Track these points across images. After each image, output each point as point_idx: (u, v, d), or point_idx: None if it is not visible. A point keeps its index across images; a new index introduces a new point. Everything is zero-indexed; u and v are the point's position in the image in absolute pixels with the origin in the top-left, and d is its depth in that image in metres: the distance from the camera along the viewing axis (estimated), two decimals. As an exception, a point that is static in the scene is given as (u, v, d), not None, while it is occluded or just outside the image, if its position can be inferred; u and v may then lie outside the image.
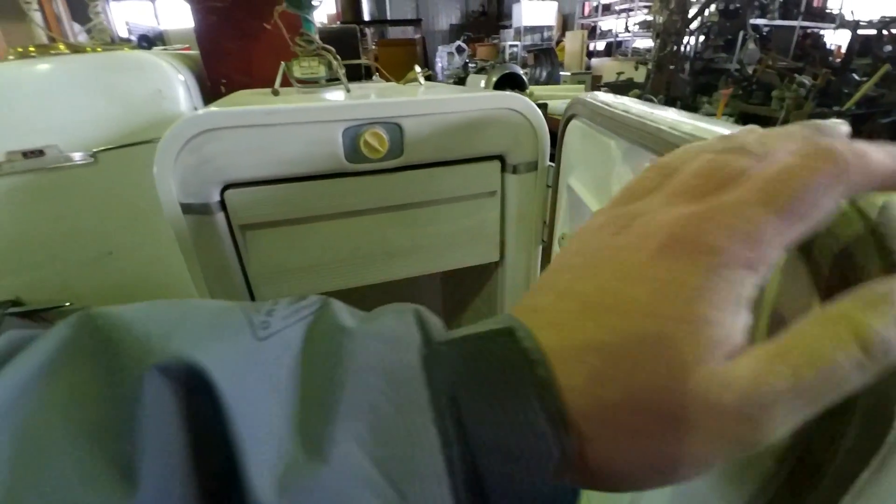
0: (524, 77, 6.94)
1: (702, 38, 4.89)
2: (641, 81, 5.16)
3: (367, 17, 7.60)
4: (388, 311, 0.17)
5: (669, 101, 4.75)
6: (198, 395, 0.13)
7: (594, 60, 8.44)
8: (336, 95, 0.77)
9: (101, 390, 0.13)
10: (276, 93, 0.76)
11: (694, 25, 4.67)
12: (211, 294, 0.64)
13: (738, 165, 0.16)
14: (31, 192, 1.07)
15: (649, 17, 7.26)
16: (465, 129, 0.65)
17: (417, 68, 0.92)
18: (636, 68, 5.38)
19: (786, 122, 3.30)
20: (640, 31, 8.42)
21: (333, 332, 0.15)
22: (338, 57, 0.81)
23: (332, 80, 0.91)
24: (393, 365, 0.14)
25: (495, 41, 9.55)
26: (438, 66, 9.69)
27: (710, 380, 0.13)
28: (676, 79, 4.73)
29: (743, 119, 4.02)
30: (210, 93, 1.18)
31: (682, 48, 4.69)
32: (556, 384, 0.14)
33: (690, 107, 4.83)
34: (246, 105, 0.59)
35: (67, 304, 1.20)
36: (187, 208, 0.58)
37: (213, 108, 0.59)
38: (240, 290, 0.65)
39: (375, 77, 1.20)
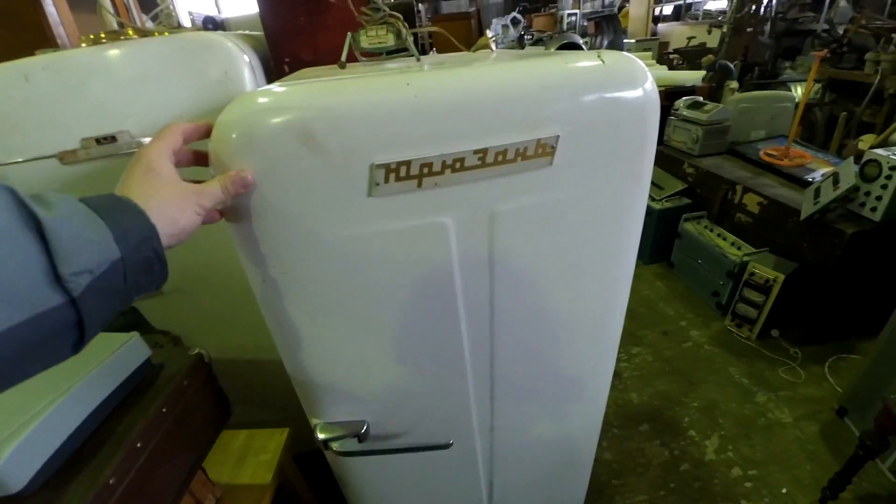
0: (584, 47, 6.58)
1: (785, -5, 4.39)
2: (714, 47, 4.72)
3: (420, -8, 7.40)
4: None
5: (747, 68, 4.31)
6: None
7: (661, 26, 7.83)
8: (406, 66, 0.71)
9: None
10: (342, 66, 0.70)
11: (776, -18, 4.18)
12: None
13: None
14: (105, 179, 1.09)
15: (723, -25, 6.61)
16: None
17: (489, 33, 0.83)
18: (709, 32, 4.91)
19: (881, 88, 2.89)
20: (713, -10, 7.71)
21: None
22: (406, 24, 0.74)
23: (396, 52, 0.84)
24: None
25: (553, 11, 9.08)
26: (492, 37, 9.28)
27: (190, 190, 0.47)
28: (756, 43, 4.27)
29: (832, 86, 3.58)
30: (274, 73, 1.15)
31: (762, 8, 4.22)
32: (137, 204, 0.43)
33: (771, 73, 4.37)
34: (313, 80, 0.54)
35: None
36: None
37: (276, 85, 0.55)
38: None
39: (433, 52, 1.13)
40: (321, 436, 0.73)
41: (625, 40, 6.61)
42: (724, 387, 1.96)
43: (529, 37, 7.53)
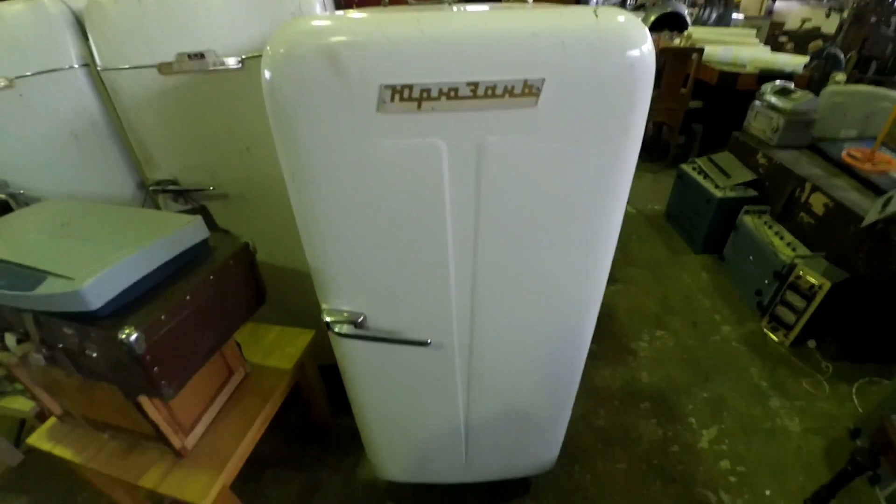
0: (688, 19, 6.09)
1: (920, -15, 3.81)
2: (831, 33, 4.24)
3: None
4: None
5: (863, 61, 3.86)
6: None
7: (779, 3, 7.08)
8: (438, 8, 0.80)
9: None
10: (385, 5, 0.81)
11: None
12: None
13: None
14: (192, 91, 1.28)
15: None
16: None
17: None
18: (827, 16, 4.41)
19: None
20: (849, -29, 6.79)
21: None
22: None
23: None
24: None
25: (662, -24, 8.44)
26: (593, 1, 8.91)
27: None
28: (876, 34, 3.80)
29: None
30: (343, 8, 1.27)
31: (894, -5, 3.73)
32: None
33: (890, 70, 3.88)
34: (349, 14, 0.65)
35: (211, 188, 1.46)
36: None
37: (317, 18, 0.66)
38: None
39: None
40: (327, 318, 0.88)
41: (734, 15, 6.06)
42: (738, 385, 1.94)
43: (632, 2, 7.05)
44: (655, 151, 4.28)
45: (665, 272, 2.68)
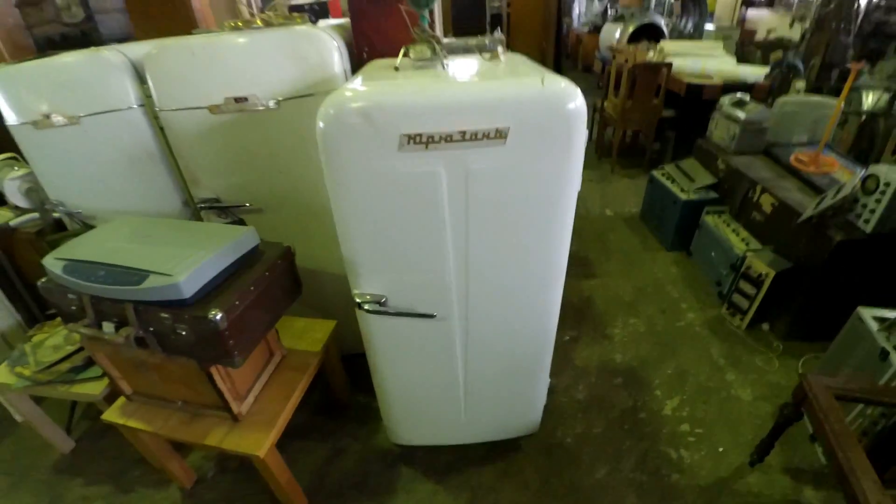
0: (664, 29, 6.46)
1: (879, -8, 4.15)
2: (796, 41, 4.57)
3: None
4: None
5: (825, 68, 4.19)
6: None
7: (751, 12, 7.41)
8: (435, 71, 1.09)
9: None
10: (396, 69, 1.11)
11: (870, -25, 3.98)
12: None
13: None
14: (236, 126, 1.57)
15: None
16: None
17: (500, 48, 1.19)
18: (791, 25, 4.73)
19: None
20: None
21: None
22: (441, 42, 1.12)
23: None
24: None
25: (642, -14, 8.84)
26: (576, 12, 9.33)
27: None
28: (837, 41, 4.13)
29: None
30: (355, 57, 1.58)
31: (853, 4, 4.05)
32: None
33: (848, 77, 4.22)
34: (375, 81, 0.95)
35: (248, 204, 1.75)
36: (337, 144, 0.97)
37: (354, 85, 0.96)
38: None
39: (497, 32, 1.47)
40: (358, 300, 1.17)
41: (707, 25, 6.44)
42: (699, 362, 2.23)
43: (613, 11, 7.40)
44: (633, 157, 4.60)
45: (639, 267, 2.98)
